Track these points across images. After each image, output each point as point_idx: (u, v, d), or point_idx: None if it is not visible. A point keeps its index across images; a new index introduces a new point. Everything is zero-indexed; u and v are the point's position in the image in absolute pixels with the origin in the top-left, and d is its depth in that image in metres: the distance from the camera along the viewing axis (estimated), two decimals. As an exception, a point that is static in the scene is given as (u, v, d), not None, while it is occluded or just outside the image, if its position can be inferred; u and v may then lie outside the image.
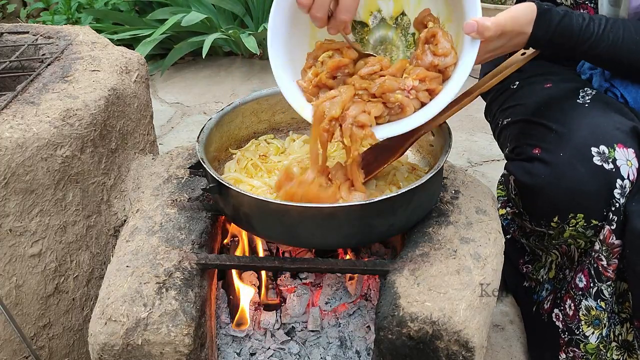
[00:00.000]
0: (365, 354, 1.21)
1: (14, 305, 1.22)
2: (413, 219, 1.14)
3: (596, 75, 1.36)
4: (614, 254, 1.23)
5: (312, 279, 1.30)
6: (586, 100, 1.28)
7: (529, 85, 1.42)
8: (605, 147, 1.17)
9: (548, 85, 1.37)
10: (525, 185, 1.24)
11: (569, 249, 1.39)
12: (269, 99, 1.37)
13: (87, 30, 1.56)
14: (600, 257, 1.25)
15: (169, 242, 1.15)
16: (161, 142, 2.57)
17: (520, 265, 1.62)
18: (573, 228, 1.23)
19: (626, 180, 1.18)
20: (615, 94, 1.32)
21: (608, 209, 1.19)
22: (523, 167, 1.24)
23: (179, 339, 1.02)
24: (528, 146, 1.25)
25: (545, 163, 1.20)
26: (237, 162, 1.30)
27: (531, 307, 1.53)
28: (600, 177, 1.16)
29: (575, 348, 1.34)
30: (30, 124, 1.16)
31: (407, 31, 1.18)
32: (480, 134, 2.57)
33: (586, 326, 1.32)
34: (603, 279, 1.27)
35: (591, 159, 1.17)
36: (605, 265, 1.25)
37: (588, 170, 1.16)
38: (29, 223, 1.19)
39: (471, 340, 1.00)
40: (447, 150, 1.14)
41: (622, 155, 1.17)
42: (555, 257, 1.46)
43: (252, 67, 3.30)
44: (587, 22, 1.15)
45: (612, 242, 1.22)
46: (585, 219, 1.21)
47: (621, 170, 1.17)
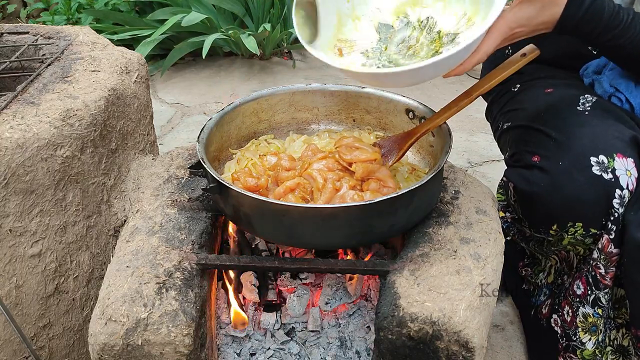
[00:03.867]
0: (365, 354, 1.21)
1: (14, 305, 1.22)
2: (413, 219, 1.14)
3: (598, 82, 1.35)
4: (612, 262, 1.23)
5: (312, 279, 1.30)
6: (586, 107, 1.27)
7: (530, 88, 1.42)
8: (604, 157, 1.17)
9: (549, 91, 1.37)
10: (524, 193, 1.24)
11: (568, 254, 1.39)
12: (268, 99, 1.37)
13: (87, 31, 1.56)
14: (599, 265, 1.25)
15: (169, 242, 1.14)
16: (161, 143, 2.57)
17: (520, 267, 1.62)
18: (572, 236, 1.23)
19: (625, 190, 1.17)
20: (620, 98, 1.32)
21: (607, 219, 1.19)
22: (522, 175, 1.24)
23: (179, 339, 1.02)
24: (527, 153, 1.25)
25: (544, 171, 1.20)
26: (237, 162, 1.30)
27: (529, 311, 1.53)
28: (599, 187, 1.16)
29: (572, 354, 1.34)
30: (31, 124, 1.16)
31: (432, 29, 1.18)
32: (481, 134, 2.57)
33: (583, 333, 1.32)
34: (601, 287, 1.27)
35: (590, 169, 1.16)
36: (603, 274, 1.25)
37: (587, 179, 1.16)
38: (29, 223, 1.19)
39: (471, 341, 1.00)
40: (447, 151, 1.14)
41: (622, 165, 1.17)
42: (554, 262, 1.46)
43: (252, 67, 3.30)
44: (617, 10, 1.11)
45: (610, 250, 1.22)
46: (584, 227, 1.20)
47: (620, 180, 1.16)
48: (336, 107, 1.41)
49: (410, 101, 1.32)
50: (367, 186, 1.12)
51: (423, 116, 1.28)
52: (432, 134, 1.27)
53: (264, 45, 3.29)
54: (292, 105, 1.40)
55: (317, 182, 1.11)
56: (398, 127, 1.35)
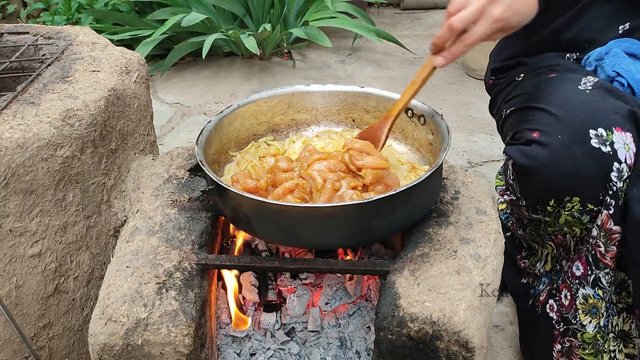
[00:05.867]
0: (365, 355, 1.21)
1: (14, 305, 1.22)
2: (412, 217, 1.14)
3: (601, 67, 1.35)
4: (612, 240, 1.23)
5: (312, 279, 1.30)
6: (587, 87, 1.28)
7: (534, 77, 1.43)
8: (603, 130, 1.17)
9: (552, 75, 1.38)
10: (522, 167, 1.24)
11: (564, 238, 1.39)
12: (267, 100, 1.37)
13: (87, 31, 1.56)
14: (598, 243, 1.25)
15: (169, 242, 1.15)
16: (161, 143, 2.57)
17: (519, 260, 1.62)
18: (569, 212, 1.23)
19: (623, 164, 1.17)
20: (622, 83, 1.32)
21: (605, 193, 1.19)
22: (521, 150, 1.24)
23: (179, 339, 1.02)
24: (527, 130, 1.25)
25: (542, 145, 1.20)
26: (237, 165, 1.30)
27: (527, 302, 1.53)
28: (597, 160, 1.16)
29: (572, 337, 1.34)
30: (31, 125, 1.16)
31: None
32: (480, 134, 2.57)
33: (583, 315, 1.31)
34: (601, 266, 1.26)
35: (589, 142, 1.16)
36: (603, 252, 1.25)
37: (585, 152, 1.16)
38: (29, 223, 1.19)
39: (471, 341, 1.00)
40: (446, 148, 1.14)
41: (620, 139, 1.17)
42: (550, 249, 1.46)
43: (252, 68, 3.31)
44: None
45: (610, 227, 1.22)
46: (581, 202, 1.21)
47: (618, 154, 1.17)
48: (335, 107, 1.41)
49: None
50: (373, 188, 1.12)
51: (421, 114, 1.29)
52: (432, 132, 1.27)
53: (264, 46, 3.29)
54: (291, 107, 1.40)
55: (316, 183, 1.11)
56: (398, 126, 1.35)
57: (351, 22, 3.23)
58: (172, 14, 3.09)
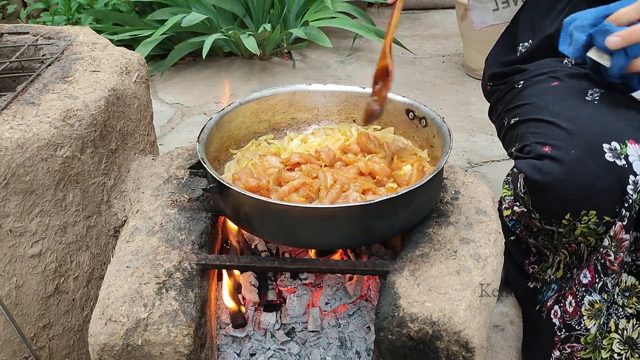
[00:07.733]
0: (365, 355, 1.21)
1: (14, 305, 1.22)
2: (413, 219, 1.14)
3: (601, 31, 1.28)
4: (621, 248, 1.23)
5: (312, 279, 1.30)
6: (595, 97, 1.27)
7: (534, 84, 1.42)
8: (616, 143, 1.17)
9: (555, 84, 1.37)
10: (535, 183, 1.23)
11: (578, 247, 1.38)
12: (269, 99, 1.37)
13: (87, 31, 1.56)
14: (609, 252, 1.24)
15: (169, 242, 1.15)
16: (161, 143, 2.57)
17: (526, 265, 1.61)
18: (585, 225, 1.22)
19: (639, 176, 1.17)
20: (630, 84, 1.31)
21: (621, 205, 1.18)
22: (533, 165, 1.23)
23: (179, 339, 1.02)
24: (538, 144, 1.24)
25: (556, 161, 1.19)
26: (237, 162, 1.30)
27: (534, 307, 1.53)
28: (613, 174, 1.16)
29: (575, 343, 1.34)
30: (31, 125, 1.16)
31: None
32: (481, 134, 2.57)
33: (588, 320, 1.31)
34: (609, 273, 1.26)
35: (603, 155, 1.16)
36: (612, 260, 1.24)
37: (600, 166, 1.16)
38: (29, 223, 1.19)
39: (471, 341, 1.00)
40: (448, 151, 1.14)
41: (634, 151, 1.17)
42: (563, 256, 1.45)
43: (252, 68, 3.31)
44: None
45: (621, 237, 1.21)
46: (598, 215, 1.20)
47: (634, 166, 1.16)
48: (336, 107, 1.41)
49: (410, 101, 1.32)
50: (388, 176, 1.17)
51: (423, 116, 1.28)
52: (433, 134, 1.27)
53: (264, 46, 3.29)
54: (292, 106, 1.40)
55: (326, 181, 1.12)
56: (398, 127, 1.35)
57: (351, 22, 3.23)
58: (172, 14, 3.09)
